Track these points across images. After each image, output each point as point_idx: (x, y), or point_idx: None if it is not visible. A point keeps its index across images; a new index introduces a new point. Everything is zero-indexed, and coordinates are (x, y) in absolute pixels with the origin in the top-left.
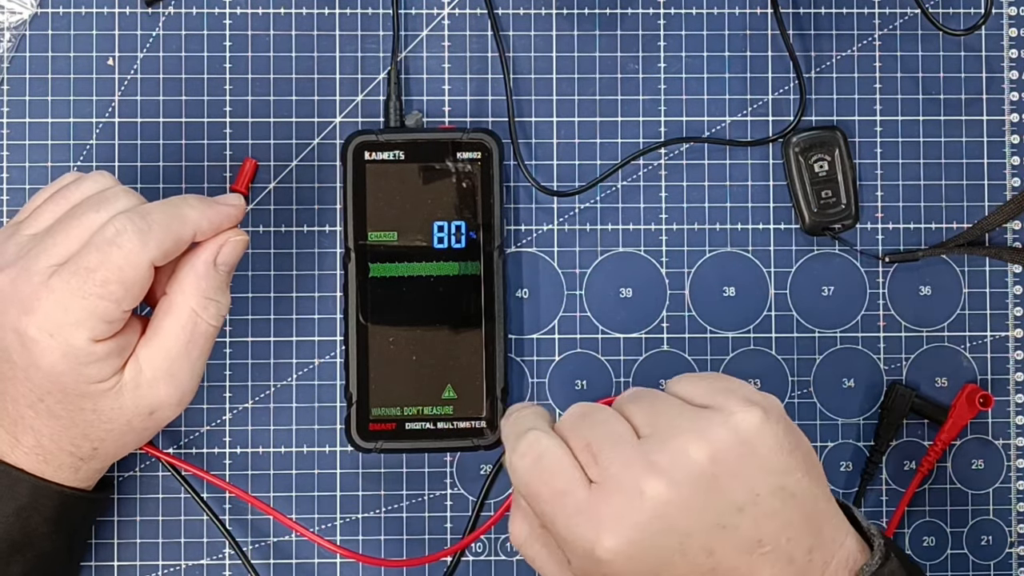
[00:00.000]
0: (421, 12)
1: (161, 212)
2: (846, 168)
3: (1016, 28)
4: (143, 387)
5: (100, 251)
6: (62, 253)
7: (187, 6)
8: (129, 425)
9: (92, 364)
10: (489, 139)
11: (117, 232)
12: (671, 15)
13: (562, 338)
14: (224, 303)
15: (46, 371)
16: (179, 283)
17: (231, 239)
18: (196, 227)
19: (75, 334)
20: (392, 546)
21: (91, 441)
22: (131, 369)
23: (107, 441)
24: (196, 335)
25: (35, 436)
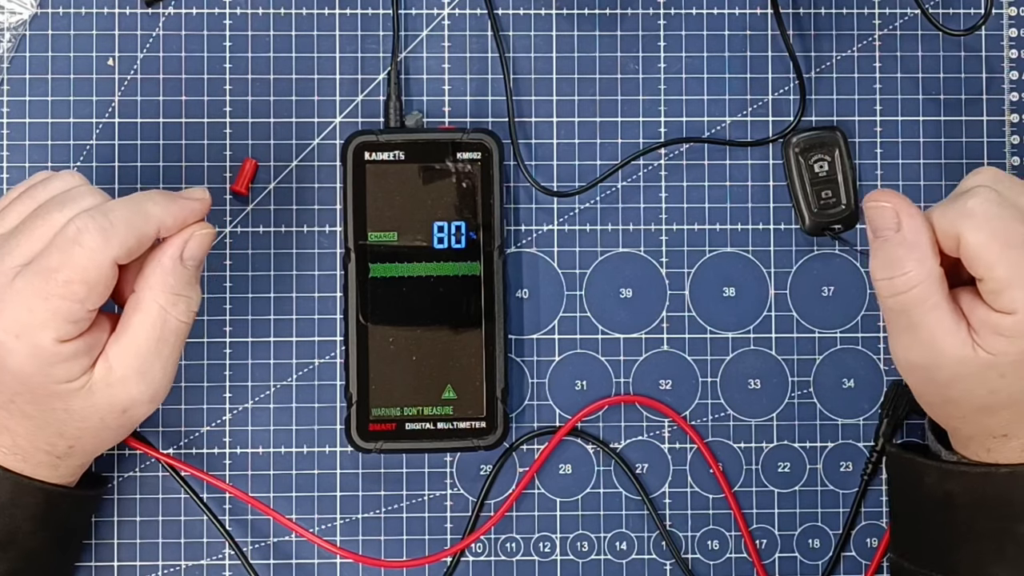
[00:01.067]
0: (421, 12)
1: (124, 209)
2: (846, 168)
3: (1016, 28)
4: (114, 385)
5: (62, 251)
6: (26, 253)
7: (187, 6)
8: (103, 423)
9: (59, 364)
10: (489, 139)
11: (79, 231)
12: (671, 15)
13: (562, 338)
14: (194, 298)
15: (14, 372)
16: (146, 280)
17: (196, 233)
18: (160, 223)
19: (40, 335)
20: (392, 546)
21: (66, 439)
22: (101, 368)
23: (83, 439)
24: (166, 332)
25: (11, 436)
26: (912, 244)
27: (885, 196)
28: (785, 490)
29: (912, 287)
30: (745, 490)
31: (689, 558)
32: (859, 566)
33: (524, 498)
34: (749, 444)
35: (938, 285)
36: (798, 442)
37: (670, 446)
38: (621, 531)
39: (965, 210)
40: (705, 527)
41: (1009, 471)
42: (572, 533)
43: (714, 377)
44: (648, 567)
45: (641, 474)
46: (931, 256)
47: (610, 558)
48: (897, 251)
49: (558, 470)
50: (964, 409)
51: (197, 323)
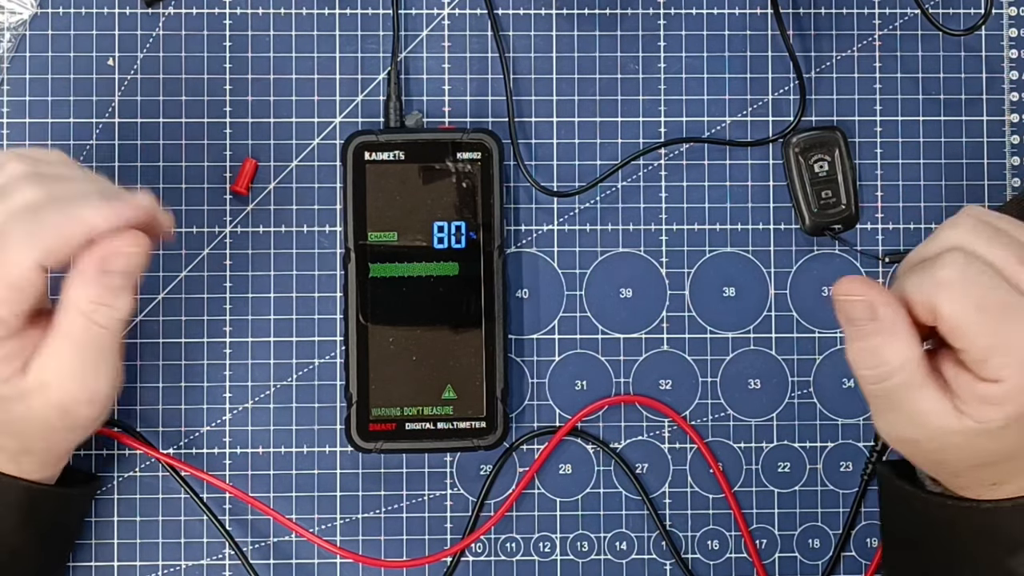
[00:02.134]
0: (421, 12)
1: (54, 211)
2: (846, 168)
3: (1016, 28)
4: (47, 389)
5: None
6: None
7: (187, 6)
8: (46, 423)
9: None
10: (489, 139)
11: (2, 234)
12: (671, 15)
13: (562, 338)
14: (120, 306)
15: None
16: (69, 285)
17: (122, 249)
18: (91, 227)
19: None
20: (392, 546)
21: (16, 439)
22: (33, 372)
23: (31, 438)
24: (89, 337)
25: None
26: (889, 332)
27: (855, 288)
28: (785, 490)
29: (892, 375)
30: (745, 490)
31: (689, 558)
32: (859, 566)
33: (524, 498)
34: (749, 444)
35: (919, 367)
36: (798, 442)
37: (670, 446)
38: (621, 531)
39: (938, 281)
40: (705, 527)
41: (992, 505)
42: (572, 533)
43: (714, 377)
44: (648, 567)
45: (641, 474)
46: (910, 341)
47: (610, 558)
48: (874, 340)
49: (558, 470)
50: (956, 468)
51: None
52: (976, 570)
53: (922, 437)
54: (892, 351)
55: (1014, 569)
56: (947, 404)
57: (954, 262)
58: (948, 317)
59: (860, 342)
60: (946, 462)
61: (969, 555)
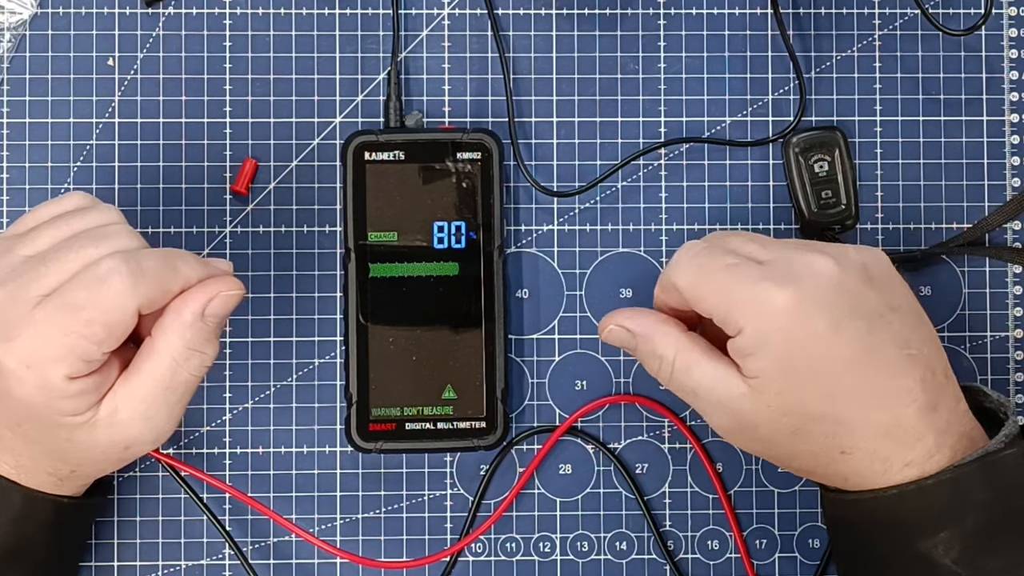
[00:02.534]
0: (421, 12)
1: (156, 260)
2: (846, 168)
3: (1016, 28)
4: (117, 425)
5: (89, 288)
6: (52, 284)
7: (187, 6)
8: (104, 455)
9: (66, 399)
10: (489, 139)
11: (109, 271)
12: (671, 15)
13: (562, 338)
14: (209, 354)
15: (20, 401)
16: (163, 329)
17: (223, 292)
18: (186, 283)
19: (52, 369)
20: (392, 546)
21: (69, 465)
22: (107, 406)
23: (84, 466)
24: (175, 383)
25: (14, 457)
26: (649, 335)
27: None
28: (785, 490)
29: (672, 362)
30: (745, 490)
31: (689, 558)
32: None
33: (524, 498)
34: None
35: (691, 346)
36: None
37: (670, 446)
38: (621, 531)
39: (671, 263)
40: (705, 527)
41: (896, 492)
42: (572, 533)
43: None
44: (648, 567)
45: (641, 474)
46: (670, 332)
47: (610, 558)
48: (645, 348)
49: (558, 470)
50: (784, 445)
51: None
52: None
53: (731, 415)
54: (660, 347)
55: (926, 553)
56: (730, 371)
57: (684, 247)
58: (684, 287)
59: (641, 356)
60: (769, 440)
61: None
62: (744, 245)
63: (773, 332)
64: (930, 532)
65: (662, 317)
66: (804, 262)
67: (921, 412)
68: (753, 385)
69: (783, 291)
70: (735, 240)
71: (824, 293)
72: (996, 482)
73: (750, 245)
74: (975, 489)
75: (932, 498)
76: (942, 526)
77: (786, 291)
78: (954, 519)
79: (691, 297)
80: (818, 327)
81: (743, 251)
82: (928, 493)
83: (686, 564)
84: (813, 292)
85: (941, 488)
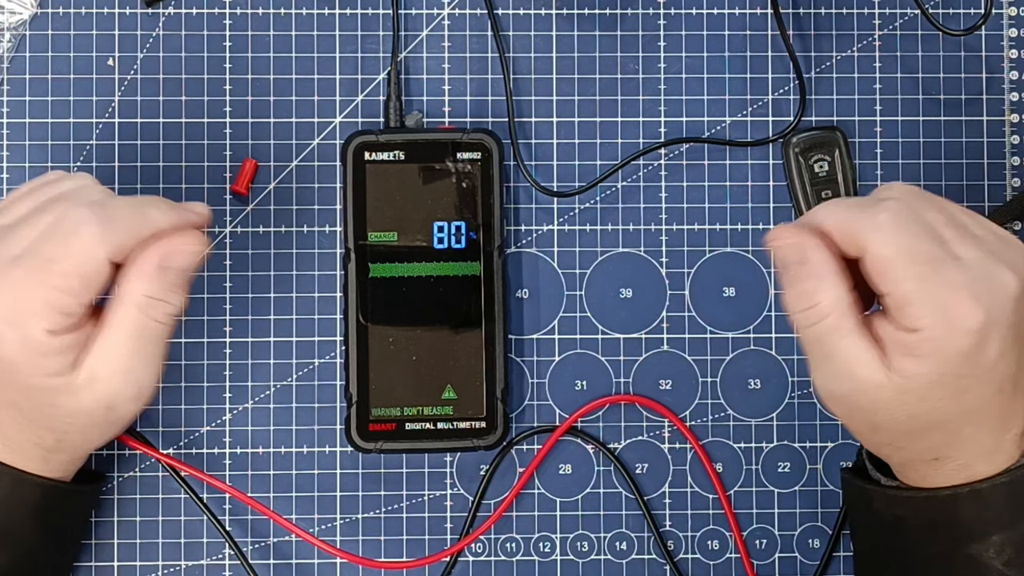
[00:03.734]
0: (421, 12)
1: (125, 208)
2: (846, 168)
3: (1016, 28)
4: (98, 382)
5: (59, 241)
6: (25, 244)
7: (187, 6)
8: (90, 418)
9: (48, 357)
10: (489, 139)
11: (77, 222)
12: (671, 15)
13: (562, 338)
14: (175, 303)
15: (6, 362)
16: (127, 279)
17: (183, 248)
18: (157, 228)
19: (32, 324)
20: (392, 546)
21: (54, 433)
22: (86, 365)
23: (70, 433)
24: (144, 332)
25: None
26: (820, 275)
27: (786, 232)
28: (785, 490)
29: (824, 317)
30: (745, 490)
31: (689, 558)
32: None
33: (524, 498)
34: (749, 444)
35: (849, 312)
36: (798, 442)
37: (670, 446)
38: (621, 531)
39: (875, 223)
40: (705, 527)
41: (951, 493)
42: (572, 533)
43: (714, 377)
44: (648, 567)
45: (641, 474)
46: (839, 284)
47: (610, 558)
48: (806, 284)
49: (558, 470)
50: (891, 435)
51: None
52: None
53: (853, 391)
54: (823, 292)
55: (976, 556)
56: (876, 357)
57: (891, 208)
58: (878, 258)
59: (793, 286)
60: (879, 427)
61: (930, 547)
62: (944, 227)
63: (949, 349)
64: (982, 535)
65: (840, 264)
66: (999, 280)
67: (1017, 437)
68: (897, 383)
69: (976, 311)
70: (934, 213)
71: (1006, 319)
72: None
73: (949, 229)
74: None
75: (986, 502)
76: (995, 529)
77: (979, 312)
78: (1008, 523)
79: (879, 270)
80: (989, 353)
81: (942, 234)
82: (983, 497)
83: (686, 564)
84: (998, 317)
85: (996, 492)
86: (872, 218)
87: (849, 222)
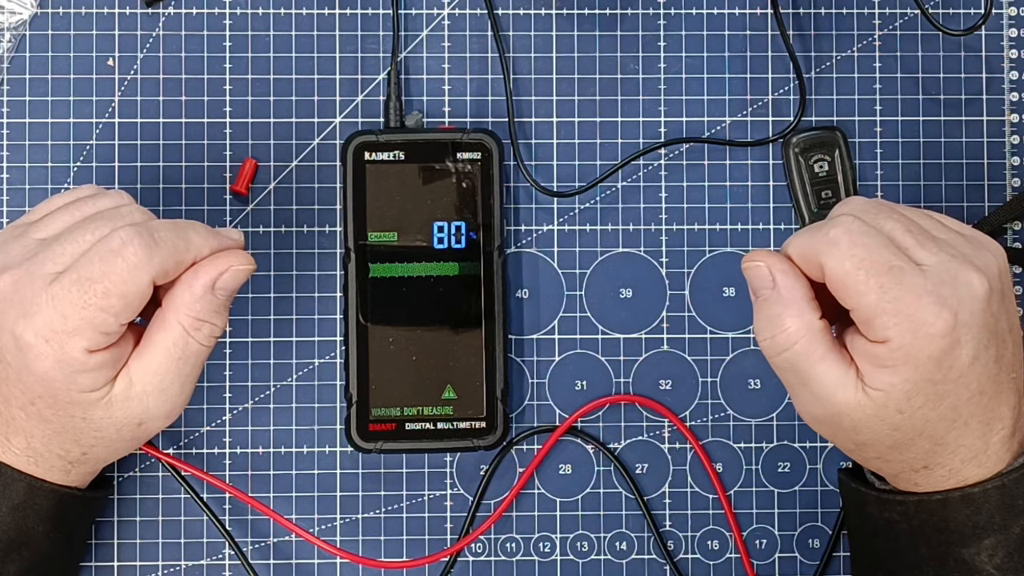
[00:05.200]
0: (421, 12)
1: (168, 231)
2: (846, 168)
3: (1016, 28)
4: (132, 400)
5: (104, 261)
6: (66, 261)
7: (187, 6)
8: (119, 434)
9: (84, 373)
10: (489, 139)
11: (123, 243)
12: (671, 15)
13: (562, 338)
14: (219, 325)
15: (39, 376)
16: (174, 300)
17: (234, 267)
18: (198, 253)
19: (70, 343)
20: (392, 546)
21: (81, 447)
22: (122, 381)
23: (97, 447)
24: (187, 353)
25: (26, 439)
26: (788, 300)
27: (758, 255)
28: (785, 490)
29: (794, 343)
30: (745, 490)
31: (689, 558)
32: None
33: (524, 498)
34: (749, 444)
35: (820, 337)
36: (798, 442)
37: (670, 446)
38: (621, 531)
39: (828, 239)
40: (705, 527)
41: (942, 497)
42: (572, 533)
43: (714, 377)
44: (648, 567)
45: (641, 474)
46: (809, 310)
47: (610, 558)
48: (775, 308)
49: (558, 470)
50: (877, 450)
51: None
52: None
53: (834, 413)
54: (790, 317)
55: (968, 559)
56: (852, 376)
57: (844, 223)
58: (837, 273)
59: (763, 311)
60: (866, 444)
61: (921, 550)
62: (903, 235)
63: (921, 355)
64: (975, 539)
65: (809, 291)
66: (965, 282)
67: (1006, 438)
68: (874, 397)
69: (943, 316)
70: (891, 223)
71: (975, 320)
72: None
73: (908, 237)
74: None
75: (978, 506)
76: (987, 533)
77: (945, 316)
78: (1000, 526)
79: (839, 286)
80: (962, 357)
81: (902, 242)
82: (974, 501)
83: (686, 564)
84: (968, 319)
85: (988, 496)
86: (825, 236)
87: (806, 244)
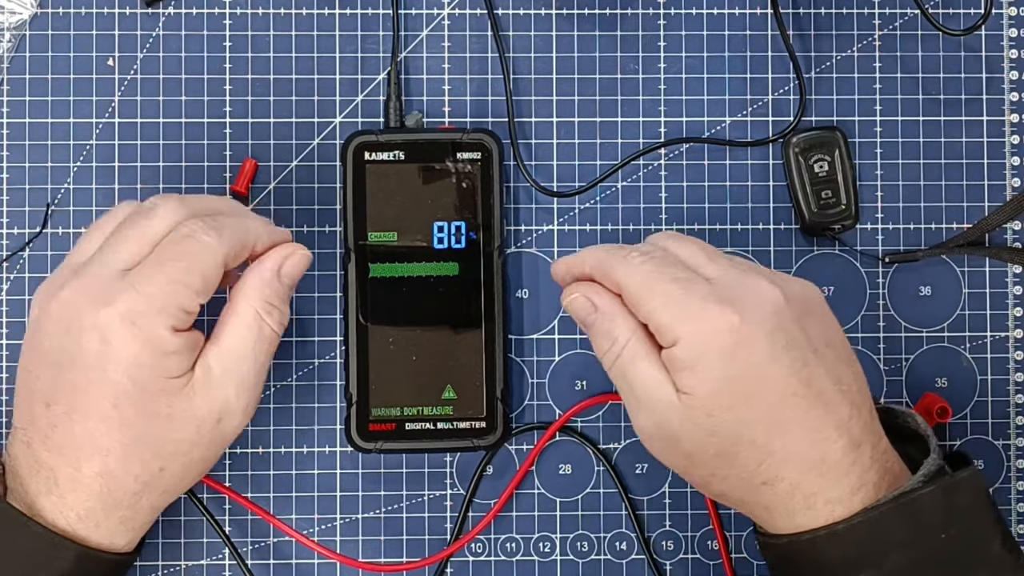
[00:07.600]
0: (421, 12)
1: (229, 217)
2: (846, 168)
3: (1016, 28)
4: (213, 387)
5: (179, 244)
6: (127, 259)
7: (187, 6)
8: (198, 434)
9: (171, 356)
10: (489, 139)
11: (192, 230)
12: (671, 15)
13: (562, 338)
14: (285, 313)
15: (127, 364)
16: (243, 288)
17: (297, 252)
18: (257, 238)
19: (157, 322)
20: (392, 546)
21: (159, 459)
22: (201, 368)
23: (175, 458)
24: (261, 338)
25: (102, 460)
26: (611, 314)
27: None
28: None
29: (622, 347)
30: None
31: (689, 558)
32: None
33: (524, 498)
34: None
35: (642, 340)
36: None
37: None
38: (621, 531)
39: (622, 257)
40: (706, 527)
41: (810, 536)
42: (572, 533)
43: None
44: (648, 567)
45: (640, 474)
46: (629, 316)
47: (610, 558)
48: (604, 325)
49: (558, 470)
50: (704, 461)
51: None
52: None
53: (657, 421)
54: (617, 327)
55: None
56: (665, 376)
57: (639, 246)
58: (627, 285)
59: (596, 333)
60: (692, 455)
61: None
62: (692, 256)
63: (711, 352)
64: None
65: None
66: (751, 286)
67: (847, 449)
68: (685, 400)
69: (726, 312)
70: (684, 249)
71: (767, 321)
72: (915, 521)
73: (698, 258)
74: (894, 529)
75: (848, 541)
76: (861, 567)
77: (729, 313)
78: (874, 560)
79: (634, 300)
80: (756, 354)
81: (691, 262)
82: (843, 537)
83: (686, 564)
84: (756, 318)
85: (856, 531)
86: (619, 251)
87: (604, 260)
